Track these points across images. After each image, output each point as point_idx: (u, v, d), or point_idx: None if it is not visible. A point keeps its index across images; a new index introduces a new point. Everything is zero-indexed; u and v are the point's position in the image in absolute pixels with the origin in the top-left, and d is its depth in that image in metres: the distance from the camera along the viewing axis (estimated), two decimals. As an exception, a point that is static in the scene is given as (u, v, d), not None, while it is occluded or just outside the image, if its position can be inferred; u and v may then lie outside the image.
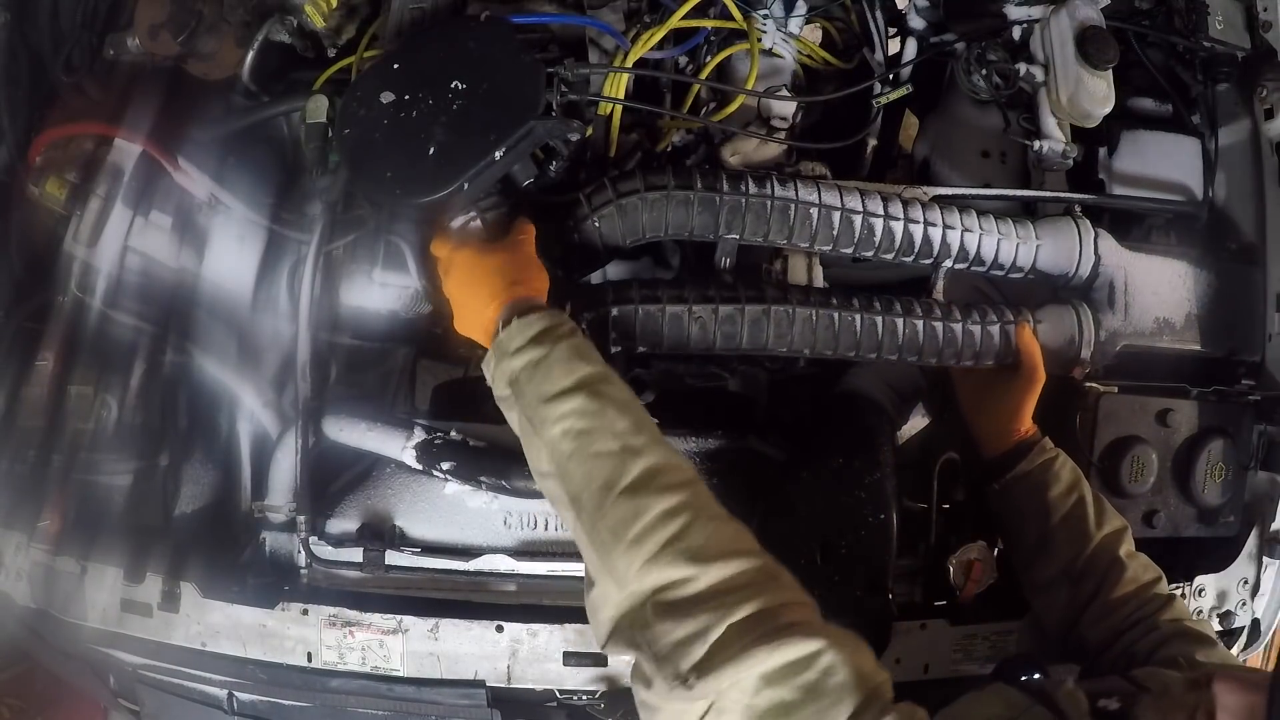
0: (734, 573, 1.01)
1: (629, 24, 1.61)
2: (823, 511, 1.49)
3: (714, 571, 1.01)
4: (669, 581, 1.01)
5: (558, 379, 1.15)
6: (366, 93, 1.43)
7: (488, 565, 1.56)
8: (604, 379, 1.16)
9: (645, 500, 1.05)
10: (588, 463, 1.11)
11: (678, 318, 1.42)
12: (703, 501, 1.09)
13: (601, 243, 1.49)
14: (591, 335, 1.38)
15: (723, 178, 1.48)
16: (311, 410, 1.56)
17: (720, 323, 1.42)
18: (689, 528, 1.04)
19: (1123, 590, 1.37)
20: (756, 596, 1.00)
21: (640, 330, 1.41)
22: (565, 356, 1.17)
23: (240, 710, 1.67)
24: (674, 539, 1.03)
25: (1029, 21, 1.71)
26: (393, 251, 1.58)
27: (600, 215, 1.47)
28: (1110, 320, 1.65)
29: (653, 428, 1.16)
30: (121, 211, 1.58)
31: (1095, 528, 1.44)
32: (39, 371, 1.61)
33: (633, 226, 1.48)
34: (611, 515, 1.07)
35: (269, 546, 1.61)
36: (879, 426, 1.59)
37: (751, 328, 1.43)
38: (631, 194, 1.46)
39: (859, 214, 1.51)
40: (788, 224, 1.49)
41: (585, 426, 1.12)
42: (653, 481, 1.07)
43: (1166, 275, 1.71)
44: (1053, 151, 1.69)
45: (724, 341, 1.43)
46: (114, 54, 1.72)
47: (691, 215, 1.47)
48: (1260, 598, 1.72)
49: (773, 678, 0.94)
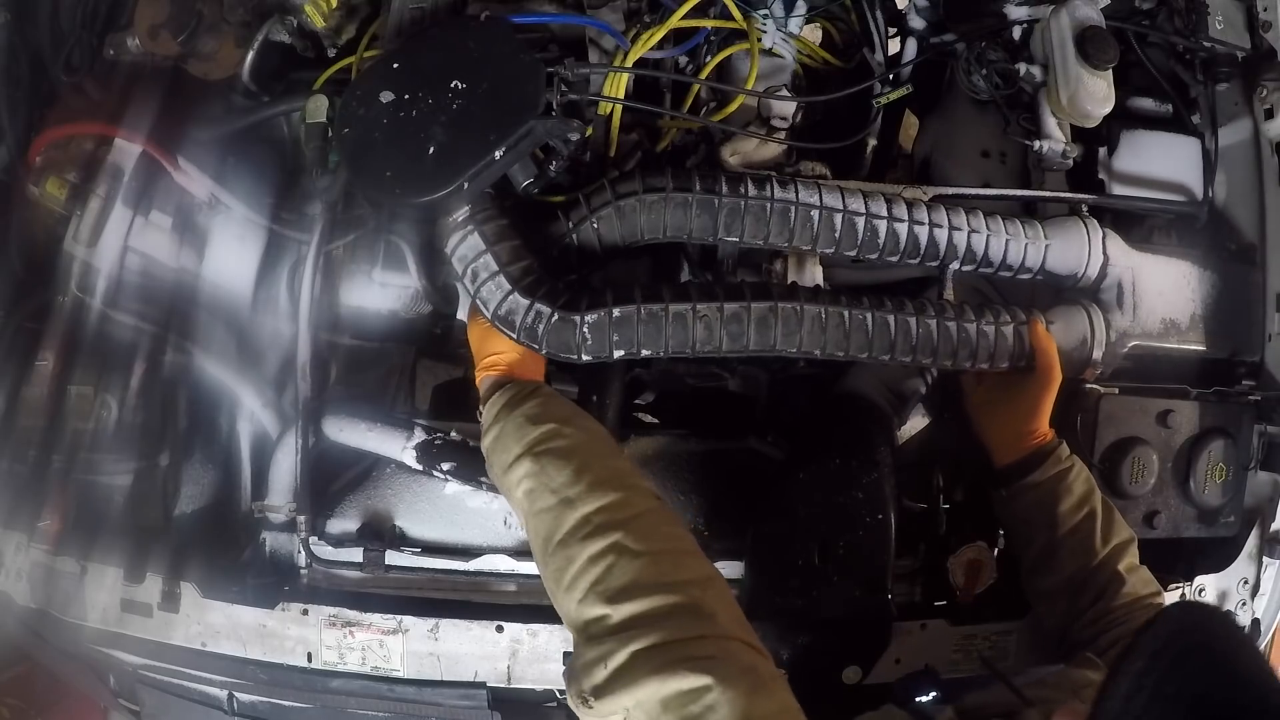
0: (646, 609, 1.08)
1: (629, 24, 1.61)
2: (821, 511, 1.48)
3: (626, 608, 1.08)
4: (591, 618, 1.10)
5: (510, 448, 1.26)
6: (366, 93, 1.43)
7: (488, 565, 1.56)
8: (551, 436, 1.25)
9: (573, 550, 1.15)
10: (534, 520, 1.21)
11: (681, 317, 1.39)
12: (636, 537, 1.14)
13: (600, 244, 1.48)
14: (592, 340, 1.38)
15: (722, 179, 1.48)
16: (311, 410, 1.56)
17: (726, 322, 1.39)
18: (610, 570, 1.12)
19: (1118, 603, 1.37)
20: (662, 629, 1.06)
21: (643, 331, 1.39)
22: (516, 427, 1.27)
23: (240, 711, 1.67)
24: (595, 582, 1.12)
25: (1029, 21, 1.71)
26: (393, 251, 1.58)
27: (599, 216, 1.46)
28: (1119, 321, 1.64)
29: (599, 466, 1.22)
30: (121, 211, 1.58)
31: (1102, 543, 1.43)
32: (39, 371, 1.61)
33: (631, 228, 1.47)
34: (552, 565, 1.17)
35: (269, 546, 1.61)
36: (877, 427, 1.59)
37: (758, 327, 1.39)
38: (630, 196, 1.45)
39: (861, 216, 1.50)
40: (788, 226, 1.48)
41: (530, 487, 1.22)
42: (580, 531, 1.15)
43: (1172, 276, 1.71)
44: (1053, 151, 1.69)
45: (730, 342, 1.40)
46: (114, 54, 1.72)
47: (690, 217, 1.47)
48: (1260, 598, 1.72)
49: (668, 705, 1.01)
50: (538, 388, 1.35)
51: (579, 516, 1.16)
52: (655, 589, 1.09)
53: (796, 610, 1.46)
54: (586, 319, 1.38)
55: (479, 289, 1.42)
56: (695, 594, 1.11)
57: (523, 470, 1.23)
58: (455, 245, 1.43)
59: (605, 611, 1.09)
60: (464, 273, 1.43)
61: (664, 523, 1.19)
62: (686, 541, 1.19)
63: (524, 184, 1.48)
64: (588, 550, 1.13)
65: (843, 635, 1.47)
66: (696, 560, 1.17)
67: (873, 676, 1.49)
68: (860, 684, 1.49)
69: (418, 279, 1.56)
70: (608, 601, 1.10)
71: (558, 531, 1.17)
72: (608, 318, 1.39)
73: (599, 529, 1.14)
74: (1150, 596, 1.40)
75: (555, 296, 1.41)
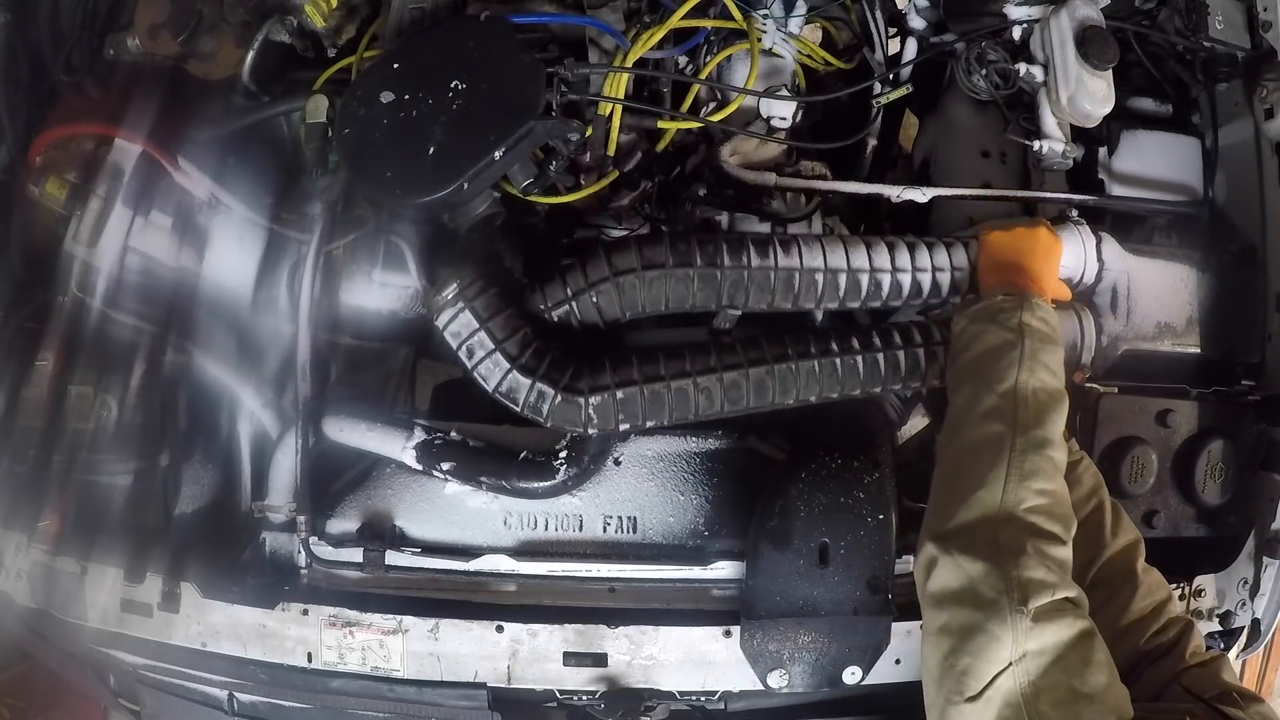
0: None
1: (629, 24, 1.61)
2: (823, 511, 1.48)
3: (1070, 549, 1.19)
4: (1049, 532, 1.16)
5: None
6: (366, 93, 1.43)
7: (488, 565, 1.56)
8: None
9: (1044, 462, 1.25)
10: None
11: (683, 392, 1.41)
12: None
13: (601, 318, 1.46)
14: (598, 418, 1.39)
15: (723, 250, 1.45)
16: (311, 410, 1.56)
17: (726, 390, 1.42)
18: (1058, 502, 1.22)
19: (1138, 609, 1.36)
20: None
21: (647, 408, 1.41)
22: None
23: (240, 711, 1.67)
24: (1050, 507, 1.20)
25: (1029, 21, 1.71)
26: (393, 251, 1.58)
27: (598, 291, 1.44)
28: (1112, 324, 1.65)
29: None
30: (121, 211, 1.59)
31: (1111, 536, 1.43)
32: (39, 371, 1.61)
33: (631, 303, 1.45)
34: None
35: (269, 546, 1.61)
36: (878, 427, 1.59)
37: (757, 390, 1.43)
38: (629, 273, 1.43)
39: (866, 273, 1.50)
40: (792, 292, 1.47)
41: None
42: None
43: (1169, 279, 1.72)
44: (1053, 151, 1.69)
45: (731, 406, 1.43)
46: (114, 54, 1.73)
47: (691, 291, 1.45)
48: (1260, 598, 1.72)
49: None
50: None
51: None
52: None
53: (797, 610, 1.46)
54: (591, 401, 1.39)
55: (476, 367, 1.40)
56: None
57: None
58: (447, 322, 1.41)
59: (1060, 533, 1.16)
60: (459, 349, 1.41)
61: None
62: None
63: (524, 184, 1.48)
64: (1049, 461, 1.22)
65: (843, 635, 1.47)
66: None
67: (872, 676, 1.49)
68: (860, 684, 1.49)
69: (418, 279, 1.56)
70: (1064, 526, 1.18)
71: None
72: (612, 400, 1.39)
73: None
74: (1166, 603, 1.38)
75: (557, 376, 1.40)
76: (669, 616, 1.51)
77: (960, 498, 1.22)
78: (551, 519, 1.58)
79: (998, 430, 1.26)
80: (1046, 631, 1.07)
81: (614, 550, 1.57)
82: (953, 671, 1.09)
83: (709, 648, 1.48)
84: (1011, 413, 1.27)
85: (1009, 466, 1.21)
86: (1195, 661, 1.28)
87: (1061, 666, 1.06)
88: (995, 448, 1.24)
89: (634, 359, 1.43)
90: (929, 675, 1.13)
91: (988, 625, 1.08)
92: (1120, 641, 1.32)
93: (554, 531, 1.58)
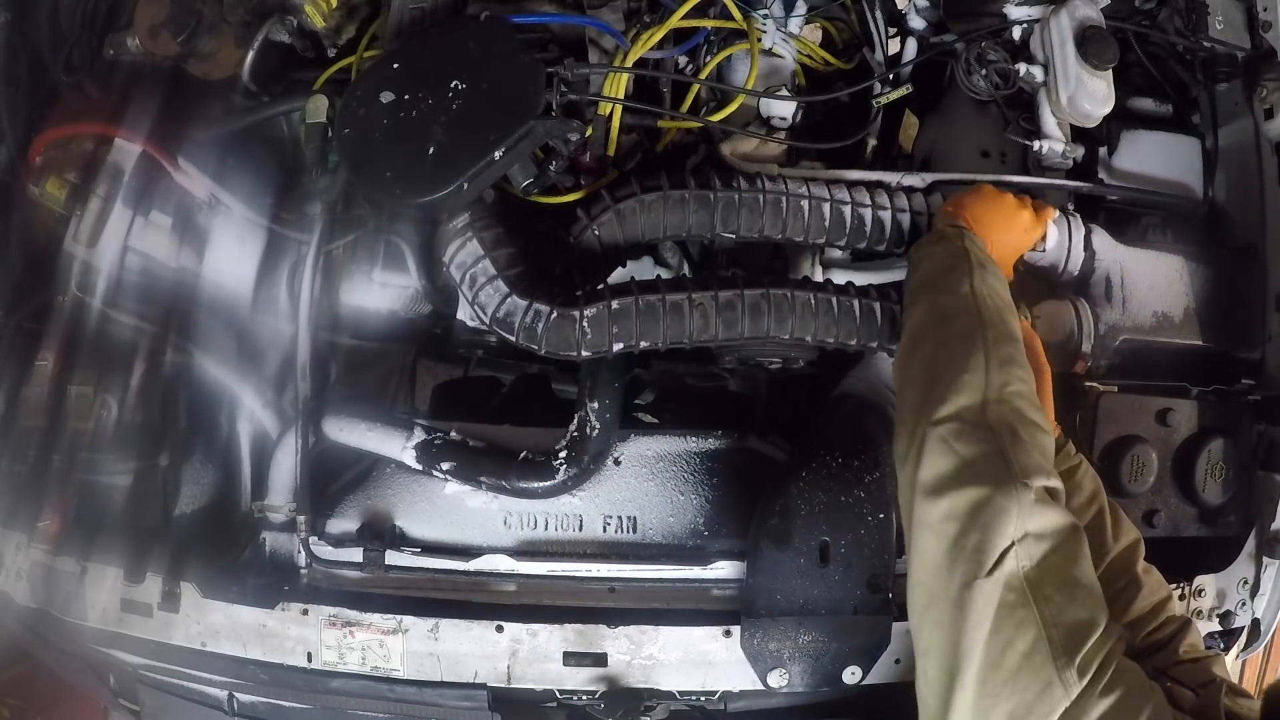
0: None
1: (629, 24, 1.61)
2: (823, 511, 1.48)
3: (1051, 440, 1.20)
4: (1032, 420, 1.16)
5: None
6: (366, 93, 1.43)
7: (488, 565, 1.56)
8: None
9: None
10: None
11: (678, 307, 1.41)
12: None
13: (602, 251, 1.49)
14: (592, 333, 1.38)
15: (715, 176, 1.50)
16: (311, 410, 1.56)
17: (721, 309, 1.41)
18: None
19: (1138, 609, 1.35)
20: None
21: (641, 323, 1.40)
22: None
23: (240, 711, 1.67)
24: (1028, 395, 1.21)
25: (1029, 21, 1.71)
26: (393, 251, 1.58)
27: (599, 223, 1.47)
28: (1108, 314, 1.66)
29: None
30: (121, 211, 1.59)
31: (1113, 540, 1.42)
32: (39, 371, 1.61)
33: (631, 231, 1.48)
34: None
35: (269, 546, 1.61)
36: (878, 427, 1.59)
37: (752, 313, 1.42)
38: (628, 198, 1.47)
39: (847, 204, 1.54)
40: (781, 218, 1.50)
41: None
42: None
43: (1163, 270, 1.72)
44: (1053, 151, 1.69)
45: (725, 329, 1.42)
46: (114, 54, 1.73)
47: (688, 214, 1.48)
48: (1260, 598, 1.72)
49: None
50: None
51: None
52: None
53: (797, 609, 1.46)
54: (585, 313, 1.39)
55: (477, 294, 1.43)
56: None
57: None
58: (454, 252, 1.45)
59: (1042, 421, 1.17)
60: (462, 279, 1.44)
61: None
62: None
63: (524, 184, 1.48)
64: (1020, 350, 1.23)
65: (843, 635, 1.47)
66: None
67: (873, 676, 1.49)
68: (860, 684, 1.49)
69: (418, 279, 1.56)
70: (1041, 413, 1.19)
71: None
72: (606, 310, 1.40)
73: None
74: (1166, 602, 1.38)
75: (553, 295, 1.42)
76: (669, 616, 1.51)
77: (943, 386, 1.19)
78: (551, 519, 1.58)
79: (965, 324, 1.26)
80: (1046, 515, 1.06)
81: (614, 550, 1.57)
82: (964, 551, 1.06)
83: (709, 647, 1.48)
84: (975, 309, 1.27)
85: (986, 354, 1.20)
86: (1188, 657, 1.28)
87: (1062, 554, 1.05)
88: (967, 339, 1.23)
89: (632, 280, 1.46)
90: (932, 568, 1.09)
91: (994, 498, 1.06)
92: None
93: (554, 531, 1.58)
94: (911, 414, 1.22)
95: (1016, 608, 1.01)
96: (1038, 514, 1.06)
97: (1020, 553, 1.03)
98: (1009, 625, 1.01)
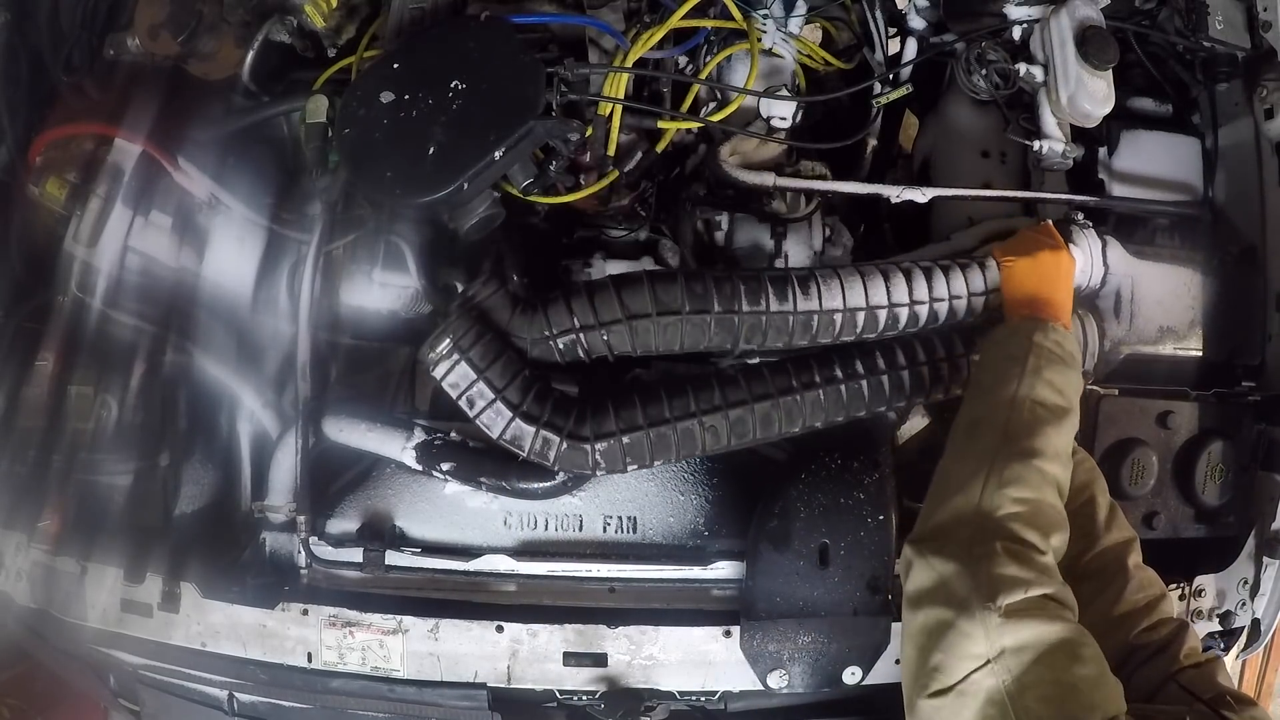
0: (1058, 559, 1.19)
1: (629, 24, 1.61)
2: (822, 512, 1.48)
3: (1054, 544, 1.20)
4: (1021, 536, 1.16)
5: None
6: (366, 93, 1.43)
7: (488, 565, 1.56)
8: None
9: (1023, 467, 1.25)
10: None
11: (690, 433, 1.41)
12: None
13: (611, 353, 1.45)
14: (605, 463, 1.39)
15: (741, 293, 1.41)
16: (311, 410, 1.56)
17: (733, 426, 1.42)
18: (1042, 504, 1.22)
19: (1129, 601, 1.36)
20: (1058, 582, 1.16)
21: (653, 450, 1.41)
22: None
23: (240, 711, 1.67)
24: (1028, 502, 1.20)
25: (1029, 21, 1.70)
26: (393, 251, 1.58)
27: (610, 330, 1.41)
28: (1115, 329, 1.66)
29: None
30: (121, 211, 1.59)
31: (1104, 530, 1.43)
32: (39, 371, 1.61)
33: (644, 344, 1.43)
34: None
35: (269, 546, 1.61)
36: (878, 428, 1.59)
37: (763, 423, 1.43)
38: (643, 318, 1.40)
39: (884, 309, 1.47)
40: (810, 333, 1.45)
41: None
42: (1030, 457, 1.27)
43: (1172, 283, 1.72)
44: (1053, 152, 1.69)
45: (737, 441, 1.44)
46: (114, 54, 1.73)
47: (708, 335, 1.42)
48: (1260, 598, 1.72)
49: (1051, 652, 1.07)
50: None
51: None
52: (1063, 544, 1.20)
53: (797, 610, 1.46)
54: (597, 448, 1.39)
55: (479, 416, 1.40)
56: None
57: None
58: (444, 374, 1.40)
59: (1037, 541, 1.15)
60: (459, 400, 1.41)
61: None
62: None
63: (524, 184, 1.48)
64: (1034, 471, 1.21)
65: (843, 635, 1.47)
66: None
67: (872, 676, 1.49)
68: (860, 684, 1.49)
69: (418, 279, 1.56)
70: (1042, 534, 1.17)
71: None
72: (618, 445, 1.39)
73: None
74: (1159, 600, 1.38)
75: (560, 422, 1.39)
76: (669, 616, 1.51)
77: (938, 503, 1.23)
78: (551, 519, 1.58)
79: (985, 440, 1.27)
80: (1024, 628, 1.07)
81: (614, 550, 1.57)
82: (925, 667, 1.10)
83: (709, 648, 1.48)
84: (1002, 422, 1.28)
85: (988, 473, 1.22)
86: (1190, 662, 1.28)
87: (1046, 663, 1.06)
88: (978, 456, 1.25)
89: (637, 400, 1.41)
90: (906, 673, 1.15)
91: (957, 622, 1.09)
92: (1112, 633, 1.32)
93: (554, 531, 1.58)
94: (916, 524, 1.26)
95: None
96: (1013, 630, 1.07)
97: (998, 668, 1.06)
98: None
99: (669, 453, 1.41)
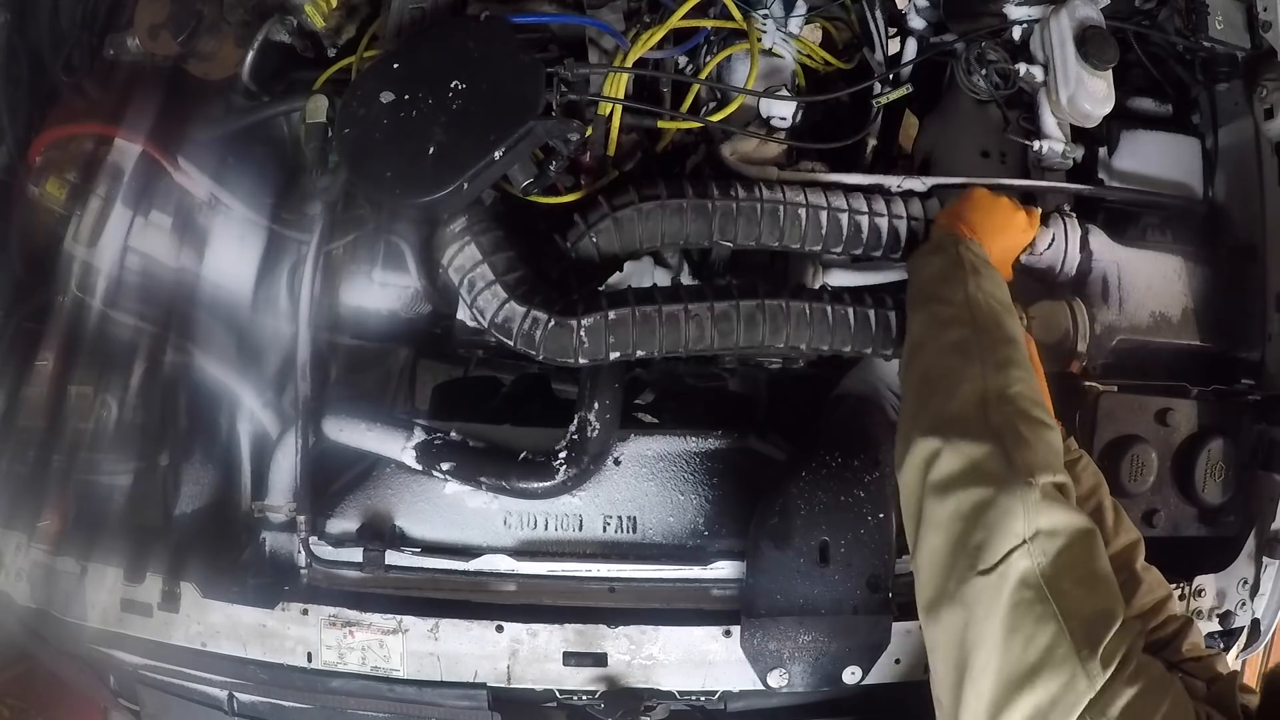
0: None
1: (629, 24, 1.61)
2: (823, 510, 1.48)
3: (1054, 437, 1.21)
4: (1042, 421, 1.18)
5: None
6: (366, 93, 1.43)
7: (488, 565, 1.56)
8: None
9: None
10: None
11: (674, 318, 1.42)
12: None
13: (599, 257, 1.49)
14: (589, 342, 1.39)
15: (713, 184, 1.51)
16: (311, 410, 1.56)
17: (716, 320, 1.43)
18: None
19: (1138, 606, 1.34)
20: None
21: (637, 333, 1.42)
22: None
23: (240, 711, 1.67)
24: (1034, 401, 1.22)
25: (1029, 21, 1.71)
26: (393, 251, 1.58)
27: (597, 230, 1.48)
28: (1105, 314, 1.66)
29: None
30: (121, 211, 1.59)
31: (1112, 534, 1.42)
32: (39, 371, 1.61)
33: (629, 239, 1.49)
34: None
35: (269, 546, 1.61)
36: (878, 426, 1.59)
37: (747, 324, 1.43)
38: (626, 206, 1.47)
39: (845, 212, 1.54)
40: (778, 226, 1.51)
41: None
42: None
43: (1161, 270, 1.73)
44: (1053, 152, 1.69)
45: (721, 339, 1.44)
46: (114, 54, 1.73)
47: (686, 223, 1.49)
48: (1260, 598, 1.72)
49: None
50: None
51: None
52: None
53: (797, 609, 1.46)
54: (583, 323, 1.40)
55: (475, 298, 1.43)
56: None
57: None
58: (452, 255, 1.46)
59: (1046, 418, 1.19)
60: (461, 282, 1.45)
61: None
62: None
63: (524, 184, 1.48)
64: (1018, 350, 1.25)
65: (843, 634, 1.47)
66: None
67: (872, 676, 1.49)
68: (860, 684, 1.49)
69: (418, 279, 1.56)
70: (1047, 411, 1.21)
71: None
72: (603, 321, 1.41)
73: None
74: (1166, 601, 1.38)
75: (551, 303, 1.43)
76: (669, 616, 1.51)
77: (943, 395, 1.22)
78: (551, 519, 1.58)
79: (960, 332, 1.28)
80: (1056, 513, 1.07)
81: (614, 550, 1.57)
82: (966, 549, 1.08)
83: (709, 647, 1.48)
84: (969, 316, 1.29)
85: (982, 360, 1.23)
86: (1191, 655, 1.28)
87: (1077, 550, 1.06)
88: (962, 347, 1.26)
89: (629, 290, 1.47)
90: (934, 564, 1.12)
91: (998, 499, 1.08)
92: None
93: (554, 531, 1.58)
94: (909, 423, 1.24)
95: (1034, 604, 1.02)
96: (1047, 511, 1.06)
97: (1034, 550, 1.04)
98: (1028, 622, 1.01)
99: (653, 339, 1.42)
